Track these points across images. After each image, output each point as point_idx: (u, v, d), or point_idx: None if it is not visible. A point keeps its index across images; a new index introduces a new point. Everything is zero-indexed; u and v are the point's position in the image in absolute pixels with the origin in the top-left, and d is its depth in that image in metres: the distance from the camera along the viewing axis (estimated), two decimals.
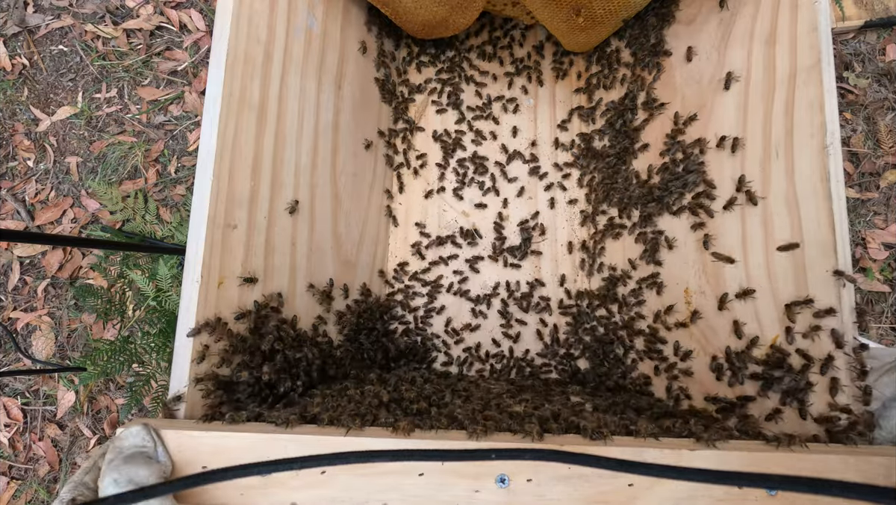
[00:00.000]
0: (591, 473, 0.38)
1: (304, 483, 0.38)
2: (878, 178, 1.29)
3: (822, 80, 0.48)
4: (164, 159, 1.44)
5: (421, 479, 0.39)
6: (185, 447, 0.39)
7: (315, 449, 0.38)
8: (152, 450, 0.37)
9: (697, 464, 0.39)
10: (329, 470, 0.39)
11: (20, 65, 1.49)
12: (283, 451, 0.39)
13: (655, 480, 0.38)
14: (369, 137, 0.79)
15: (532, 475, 0.38)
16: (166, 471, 0.37)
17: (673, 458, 0.39)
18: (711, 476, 0.23)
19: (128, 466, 0.35)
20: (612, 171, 0.76)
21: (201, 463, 0.39)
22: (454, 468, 0.39)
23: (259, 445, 0.39)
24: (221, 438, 0.39)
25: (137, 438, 0.37)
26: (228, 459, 0.39)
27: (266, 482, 0.38)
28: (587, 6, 0.68)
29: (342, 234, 0.71)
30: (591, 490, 0.38)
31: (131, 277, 1.25)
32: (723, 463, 0.39)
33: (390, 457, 0.27)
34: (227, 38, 0.50)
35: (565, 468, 0.39)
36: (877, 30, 1.34)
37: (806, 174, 0.48)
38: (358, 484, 0.39)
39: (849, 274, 0.44)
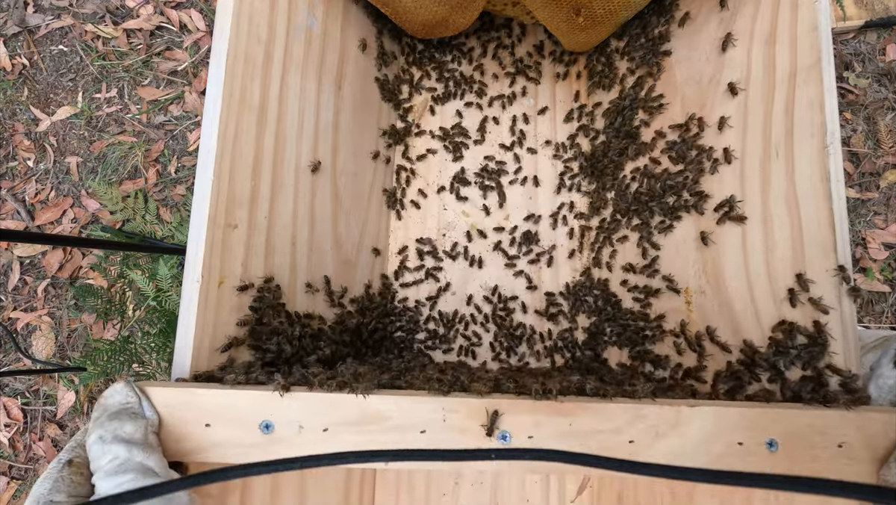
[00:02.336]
0: (592, 430, 0.39)
1: (307, 440, 0.39)
2: (878, 178, 1.29)
3: (823, 80, 0.48)
4: (164, 159, 1.44)
5: (423, 436, 0.39)
6: (188, 404, 0.39)
7: (316, 408, 0.39)
8: (137, 405, 0.37)
9: (696, 422, 0.39)
10: (332, 428, 0.39)
11: (20, 65, 1.49)
12: (285, 409, 0.39)
13: (656, 437, 0.39)
14: (374, 142, 0.79)
15: (533, 432, 0.39)
16: (153, 424, 0.37)
17: (672, 414, 0.39)
18: (712, 476, 0.23)
19: (112, 423, 0.35)
20: (612, 171, 0.76)
21: (204, 421, 0.39)
22: (456, 425, 0.39)
23: (261, 402, 0.39)
24: (223, 396, 0.39)
25: (121, 395, 0.37)
26: (230, 417, 0.39)
27: (269, 440, 0.39)
28: (587, 6, 0.68)
29: (342, 234, 0.71)
30: (593, 447, 0.39)
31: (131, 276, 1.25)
32: (722, 419, 0.39)
33: (390, 456, 0.27)
34: (227, 37, 0.50)
35: (566, 425, 0.39)
36: (877, 30, 1.34)
37: (806, 174, 0.49)
38: (360, 441, 0.39)
39: (848, 273, 0.44)
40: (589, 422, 0.39)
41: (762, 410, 0.39)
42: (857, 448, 0.38)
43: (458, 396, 0.40)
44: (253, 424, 0.39)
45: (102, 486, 0.33)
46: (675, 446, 0.39)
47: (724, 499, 0.52)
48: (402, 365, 0.61)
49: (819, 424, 0.39)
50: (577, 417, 0.40)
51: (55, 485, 0.34)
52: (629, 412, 0.39)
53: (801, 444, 0.38)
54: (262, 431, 0.39)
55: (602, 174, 0.78)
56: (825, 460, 0.38)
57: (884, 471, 0.37)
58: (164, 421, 0.38)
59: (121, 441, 0.34)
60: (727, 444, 0.38)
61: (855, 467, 0.38)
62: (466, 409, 0.40)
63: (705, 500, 0.54)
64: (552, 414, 0.40)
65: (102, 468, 0.34)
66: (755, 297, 0.53)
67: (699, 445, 0.38)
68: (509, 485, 0.75)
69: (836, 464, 0.38)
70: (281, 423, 0.39)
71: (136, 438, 0.35)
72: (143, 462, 0.34)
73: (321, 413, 0.39)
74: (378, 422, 0.39)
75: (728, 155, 0.58)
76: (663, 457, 0.39)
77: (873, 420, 0.38)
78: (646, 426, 0.39)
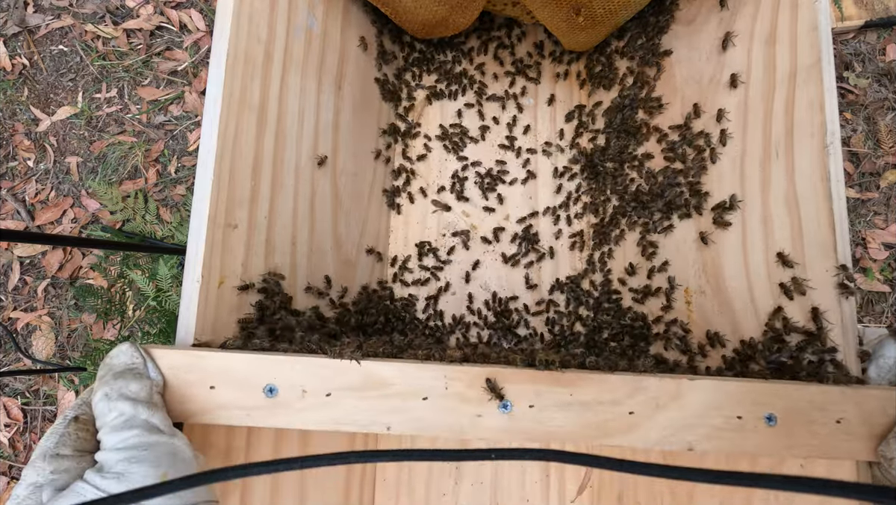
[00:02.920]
0: (593, 401, 0.39)
1: (309, 404, 0.39)
2: (878, 178, 1.29)
3: (823, 80, 0.48)
4: (164, 159, 1.44)
5: (425, 403, 0.39)
6: (193, 367, 0.39)
7: (319, 373, 0.40)
8: (142, 366, 0.38)
9: (696, 395, 0.39)
10: (335, 393, 0.39)
11: (20, 65, 1.49)
12: (289, 371, 0.40)
13: (656, 409, 0.39)
14: (373, 141, 0.79)
15: (534, 401, 0.39)
16: (158, 385, 0.38)
17: (672, 387, 0.39)
18: (712, 476, 0.23)
19: (118, 381, 0.36)
20: (612, 171, 0.76)
21: (208, 383, 0.39)
22: (458, 392, 0.40)
23: (265, 366, 0.40)
24: (228, 358, 0.40)
25: (126, 356, 0.38)
26: (234, 380, 0.39)
27: (273, 404, 0.39)
28: (587, 6, 0.68)
29: (342, 234, 0.71)
30: (593, 417, 0.39)
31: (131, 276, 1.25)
32: (722, 393, 0.39)
33: (390, 457, 0.27)
34: (227, 37, 0.50)
35: (567, 395, 0.40)
36: (877, 30, 1.34)
37: (806, 174, 0.49)
38: (363, 407, 0.39)
39: (850, 272, 0.44)
40: (590, 392, 0.40)
41: (762, 385, 0.39)
42: (855, 424, 0.39)
43: (460, 365, 0.41)
44: (257, 388, 0.39)
45: (108, 440, 0.34)
46: (675, 419, 0.39)
47: (724, 499, 0.52)
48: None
49: (818, 400, 0.39)
50: (577, 388, 0.40)
51: (61, 439, 0.34)
52: (630, 384, 0.40)
53: (799, 419, 0.39)
54: (266, 395, 0.39)
55: (602, 174, 0.78)
56: (823, 436, 0.39)
57: (882, 447, 0.38)
58: (169, 383, 0.39)
59: (126, 399, 0.35)
60: (726, 417, 0.39)
61: (852, 443, 0.39)
62: (468, 376, 0.40)
63: (705, 500, 0.54)
64: (553, 384, 0.40)
65: (108, 424, 0.35)
66: (755, 297, 0.53)
67: (699, 417, 0.39)
68: (509, 485, 0.75)
69: (834, 440, 0.39)
70: (284, 387, 0.39)
71: (141, 397, 0.36)
72: (148, 419, 0.35)
73: (324, 378, 0.40)
74: (380, 388, 0.40)
75: (724, 137, 0.58)
76: (663, 428, 0.39)
77: (872, 397, 0.39)
78: (646, 398, 0.39)
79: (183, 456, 0.35)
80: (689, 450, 0.39)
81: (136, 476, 0.32)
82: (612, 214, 0.75)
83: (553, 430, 0.39)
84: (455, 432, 0.39)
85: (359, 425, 0.39)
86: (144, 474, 0.33)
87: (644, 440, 0.39)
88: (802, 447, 0.39)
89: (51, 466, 0.33)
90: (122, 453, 0.33)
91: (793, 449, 0.39)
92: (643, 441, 0.39)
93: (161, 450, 0.34)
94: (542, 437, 0.39)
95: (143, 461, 0.33)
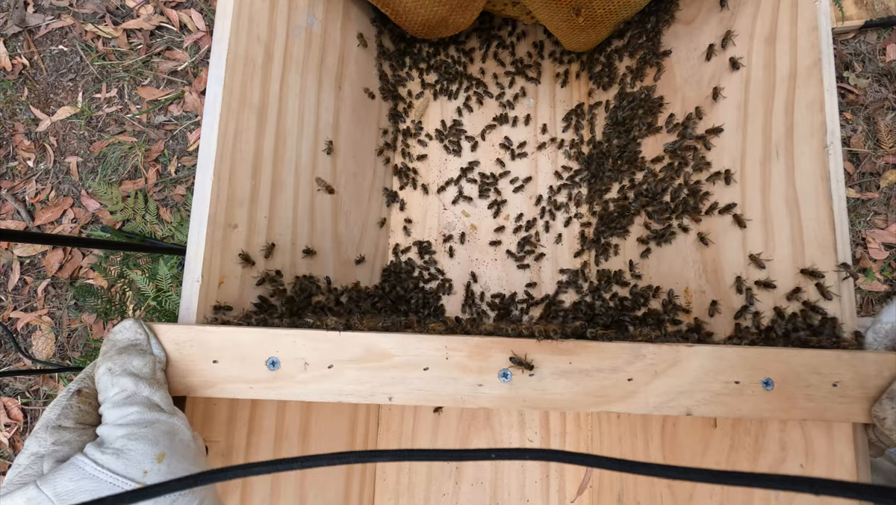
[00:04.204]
0: (592, 368, 0.40)
1: (312, 377, 0.40)
2: (879, 178, 1.29)
3: (823, 80, 0.48)
4: (165, 159, 1.44)
5: (426, 373, 0.40)
6: (197, 342, 0.40)
7: (321, 346, 0.40)
8: (145, 342, 0.39)
9: (694, 361, 0.40)
10: (336, 365, 0.40)
11: (20, 65, 1.49)
12: (291, 344, 0.40)
13: (654, 375, 0.40)
14: (374, 141, 0.79)
15: (534, 370, 0.40)
16: (160, 362, 0.38)
17: (670, 354, 0.40)
18: (712, 476, 0.23)
19: (121, 356, 0.37)
20: (612, 170, 0.76)
21: (211, 357, 0.40)
22: (459, 363, 0.40)
23: (268, 340, 0.40)
24: (231, 333, 0.40)
25: (130, 331, 0.39)
26: (237, 354, 0.40)
27: (275, 376, 0.40)
28: (587, 6, 0.68)
29: (342, 234, 0.71)
30: (592, 384, 0.40)
31: (131, 276, 1.25)
32: (719, 359, 0.40)
33: (390, 456, 0.27)
34: (227, 37, 0.50)
35: (566, 363, 0.40)
36: (877, 30, 1.34)
37: (806, 174, 0.48)
38: (364, 378, 0.40)
39: (852, 269, 0.44)
40: (588, 360, 0.40)
41: (759, 350, 0.40)
42: (850, 387, 0.39)
43: (461, 336, 0.41)
44: (259, 361, 0.40)
45: (110, 415, 0.35)
46: (673, 385, 0.39)
47: (724, 499, 0.52)
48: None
49: (815, 363, 0.39)
50: (576, 356, 0.40)
51: (63, 411, 0.35)
52: (628, 352, 0.40)
53: (796, 383, 0.39)
54: (269, 368, 0.40)
55: (601, 173, 0.78)
56: (819, 399, 0.39)
57: (875, 408, 0.38)
58: (172, 358, 0.39)
59: (129, 374, 0.36)
60: (724, 383, 0.39)
61: (848, 406, 0.39)
62: (468, 347, 0.40)
63: (705, 500, 0.54)
64: (552, 353, 0.40)
65: (110, 399, 0.35)
66: (755, 296, 0.53)
67: (697, 383, 0.39)
68: (509, 485, 0.75)
69: (830, 403, 0.39)
70: (287, 360, 0.40)
71: (144, 373, 0.36)
72: (150, 396, 0.36)
73: (326, 350, 0.40)
74: (382, 359, 0.40)
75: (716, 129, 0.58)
76: (662, 394, 0.39)
77: (867, 361, 0.39)
78: (644, 365, 0.40)
79: (182, 436, 0.36)
80: (687, 414, 0.39)
81: (135, 453, 0.33)
82: (612, 214, 0.75)
83: (553, 397, 0.40)
84: (456, 401, 0.40)
85: (360, 396, 0.39)
86: (143, 452, 0.33)
87: (643, 406, 0.39)
88: (799, 410, 0.39)
89: (52, 437, 0.34)
90: (123, 430, 0.34)
91: (790, 412, 0.39)
92: (642, 407, 0.39)
93: (160, 428, 0.35)
94: (543, 404, 0.40)
95: (141, 439, 0.33)
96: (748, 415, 0.39)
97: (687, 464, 0.49)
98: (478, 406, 0.40)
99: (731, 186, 0.57)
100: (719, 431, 0.53)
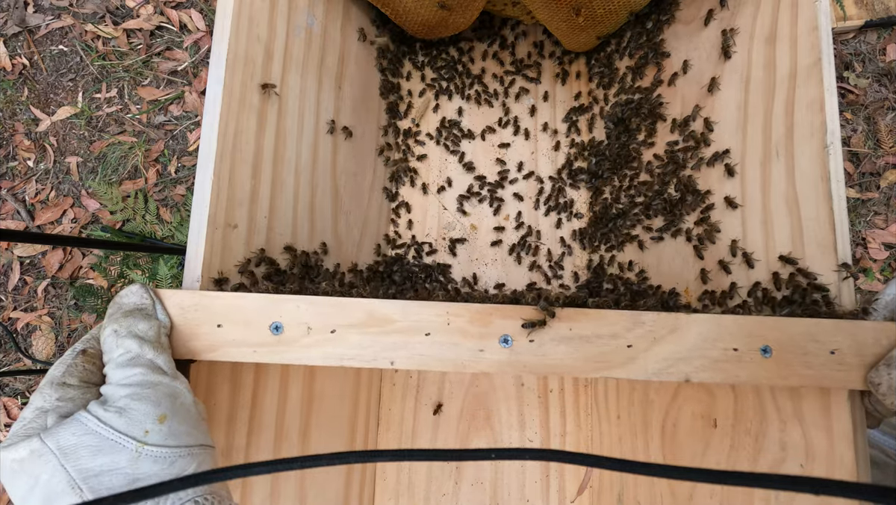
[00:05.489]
0: (592, 335, 0.40)
1: (314, 341, 0.40)
2: (879, 178, 1.29)
3: (823, 80, 0.48)
4: (165, 159, 1.44)
5: (427, 338, 0.40)
6: (202, 306, 0.40)
7: (324, 311, 0.40)
8: (151, 308, 0.39)
9: (693, 328, 0.40)
10: (339, 330, 0.40)
11: (20, 65, 1.49)
12: (294, 311, 0.40)
13: (653, 342, 0.40)
14: (374, 141, 0.79)
15: (534, 336, 0.40)
16: (165, 327, 0.39)
17: (670, 321, 0.40)
18: (712, 476, 0.23)
19: (127, 319, 0.37)
20: (612, 170, 0.76)
21: (216, 322, 0.40)
22: (460, 328, 0.40)
23: (272, 305, 0.40)
24: (236, 298, 0.40)
25: (136, 296, 0.39)
26: (242, 318, 0.40)
27: (278, 340, 0.40)
28: (587, 6, 0.68)
29: (342, 234, 0.71)
30: (592, 350, 0.40)
31: (131, 276, 1.25)
32: (718, 326, 0.40)
33: (390, 456, 0.27)
34: (227, 37, 0.50)
35: (566, 329, 0.40)
36: (877, 30, 1.34)
37: (806, 174, 0.48)
38: (367, 343, 0.40)
39: (853, 269, 0.44)
40: (588, 327, 0.40)
41: (758, 319, 0.40)
42: (848, 355, 0.39)
43: (462, 303, 0.41)
44: (263, 326, 0.40)
45: (114, 375, 0.35)
46: (672, 351, 0.40)
47: (724, 499, 0.52)
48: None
49: (813, 331, 0.40)
50: (576, 323, 0.41)
51: (68, 369, 0.36)
52: (628, 319, 0.40)
53: (794, 350, 0.40)
54: (272, 332, 0.40)
55: (602, 173, 0.78)
56: (818, 366, 0.39)
57: (871, 374, 0.39)
58: (177, 322, 0.40)
59: (134, 337, 0.36)
60: (723, 350, 0.40)
61: (846, 373, 0.39)
62: (469, 313, 0.41)
63: (705, 500, 0.54)
64: (553, 319, 0.41)
65: (114, 360, 0.36)
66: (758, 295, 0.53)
67: (696, 349, 0.40)
68: (509, 485, 0.75)
69: (828, 370, 0.39)
70: (290, 324, 0.40)
71: (149, 336, 0.37)
72: (153, 360, 0.36)
73: (329, 315, 0.40)
74: (384, 324, 0.40)
75: (725, 157, 0.58)
76: (661, 360, 0.40)
77: (865, 328, 0.40)
78: (644, 332, 0.40)
79: (183, 400, 0.36)
80: (686, 381, 0.39)
81: (137, 413, 0.33)
82: (613, 214, 0.75)
83: (553, 363, 0.40)
84: (458, 367, 0.40)
85: (363, 361, 0.40)
86: (144, 413, 0.34)
87: (643, 372, 0.40)
88: (797, 377, 0.39)
89: (57, 393, 0.34)
90: (126, 389, 0.34)
91: (788, 379, 0.39)
92: (641, 373, 0.40)
93: (162, 391, 0.35)
94: (543, 370, 0.40)
95: (144, 399, 0.34)
96: (746, 381, 0.39)
97: (687, 464, 0.49)
98: (478, 371, 0.40)
99: (731, 186, 0.57)
100: (719, 431, 0.53)
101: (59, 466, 0.31)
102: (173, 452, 0.33)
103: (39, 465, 0.31)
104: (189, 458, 0.34)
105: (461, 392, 0.77)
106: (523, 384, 0.78)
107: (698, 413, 0.57)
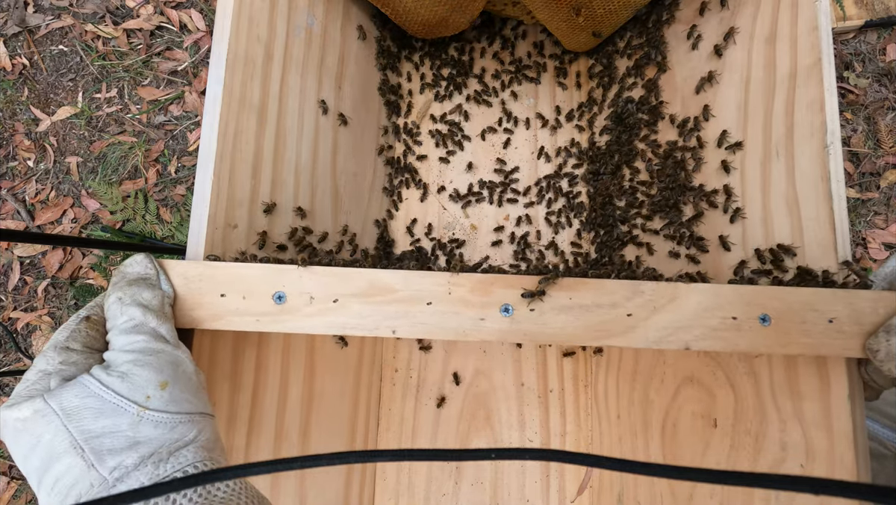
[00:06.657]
0: (592, 304, 0.40)
1: (317, 310, 0.40)
2: (879, 178, 1.29)
3: (823, 80, 0.48)
4: (165, 159, 1.44)
5: (429, 307, 0.40)
6: (205, 276, 0.40)
7: (327, 281, 0.41)
8: (155, 277, 0.40)
9: (693, 297, 0.40)
10: (341, 299, 0.40)
11: (20, 65, 1.49)
12: (297, 281, 0.41)
13: (653, 311, 0.40)
14: (373, 142, 0.79)
15: (535, 304, 0.41)
16: (168, 297, 0.39)
17: (669, 291, 0.40)
18: (712, 476, 0.23)
19: (132, 287, 0.38)
20: (612, 170, 0.76)
21: (219, 291, 0.40)
22: (461, 297, 0.41)
23: (275, 275, 0.41)
24: (239, 268, 0.41)
25: (141, 266, 0.40)
26: (245, 288, 0.41)
27: (281, 310, 0.40)
28: (587, 6, 0.68)
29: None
30: (592, 319, 0.40)
31: None
32: (717, 296, 0.40)
33: (390, 456, 0.27)
34: (227, 37, 0.50)
35: (567, 298, 0.41)
36: (877, 30, 1.34)
37: (806, 174, 0.48)
38: (368, 311, 0.40)
39: (854, 266, 0.44)
40: (588, 296, 0.41)
41: (757, 288, 0.40)
42: (846, 323, 0.40)
43: (463, 273, 0.42)
44: (266, 295, 0.40)
45: (117, 341, 0.36)
46: (672, 320, 0.40)
47: (724, 499, 0.52)
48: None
49: (811, 300, 0.40)
50: (576, 292, 0.41)
51: (72, 334, 0.36)
52: (628, 288, 0.41)
53: (793, 319, 0.40)
54: (275, 302, 0.40)
55: (602, 173, 0.78)
56: (816, 335, 0.40)
57: (870, 341, 0.39)
58: (180, 292, 0.40)
59: (138, 305, 0.37)
60: (722, 318, 0.40)
61: (844, 341, 0.40)
62: (471, 283, 0.41)
63: (705, 500, 0.54)
64: (553, 289, 0.41)
65: (118, 326, 0.36)
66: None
67: (695, 318, 0.40)
68: (509, 485, 0.75)
69: (827, 338, 0.40)
70: (293, 294, 0.40)
71: (152, 305, 0.37)
72: (156, 328, 0.37)
73: (332, 285, 0.41)
74: (386, 294, 0.41)
75: (723, 138, 0.58)
76: (661, 329, 0.40)
77: (863, 298, 0.40)
78: (644, 301, 0.40)
79: (184, 368, 0.37)
80: (685, 349, 0.40)
81: (139, 379, 0.34)
82: (613, 213, 0.75)
83: (553, 332, 0.40)
84: (459, 335, 0.40)
85: (365, 329, 0.40)
86: (147, 379, 0.34)
87: (642, 340, 0.40)
88: (796, 345, 0.40)
89: (60, 356, 0.35)
90: (129, 355, 0.35)
91: (787, 347, 0.40)
92: (642, 341, 0.40)
93: (165, 358, 0.36)
94: (543, 338, 0.40)
95: (146, 365, 0.34)
96: (746, 350, 0.40)
97: (687, 464, 0.49)
98: (480, 339, 0.40)
99: (731, 180, 0.57)
100: (719, 430, 0.53)
101: (61, 427, 0.31)
102: (174, 417, 0.34)
103: (42, 424, 0.31)
104: (189, 424, 0.35)
105: (461, 392, 0.77)
106: (523, 384, 0.78)
107: (698, 413, 0.57)
